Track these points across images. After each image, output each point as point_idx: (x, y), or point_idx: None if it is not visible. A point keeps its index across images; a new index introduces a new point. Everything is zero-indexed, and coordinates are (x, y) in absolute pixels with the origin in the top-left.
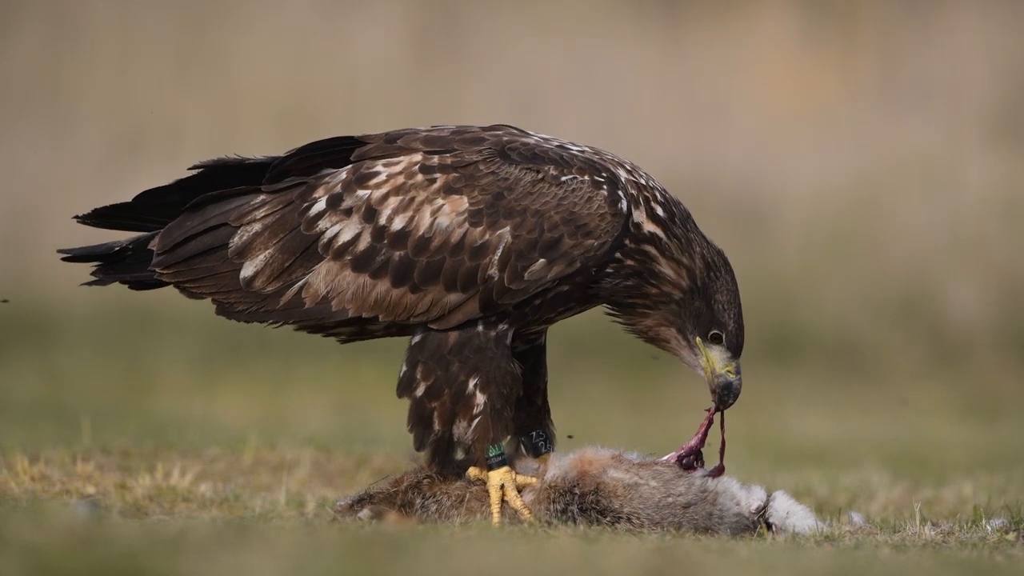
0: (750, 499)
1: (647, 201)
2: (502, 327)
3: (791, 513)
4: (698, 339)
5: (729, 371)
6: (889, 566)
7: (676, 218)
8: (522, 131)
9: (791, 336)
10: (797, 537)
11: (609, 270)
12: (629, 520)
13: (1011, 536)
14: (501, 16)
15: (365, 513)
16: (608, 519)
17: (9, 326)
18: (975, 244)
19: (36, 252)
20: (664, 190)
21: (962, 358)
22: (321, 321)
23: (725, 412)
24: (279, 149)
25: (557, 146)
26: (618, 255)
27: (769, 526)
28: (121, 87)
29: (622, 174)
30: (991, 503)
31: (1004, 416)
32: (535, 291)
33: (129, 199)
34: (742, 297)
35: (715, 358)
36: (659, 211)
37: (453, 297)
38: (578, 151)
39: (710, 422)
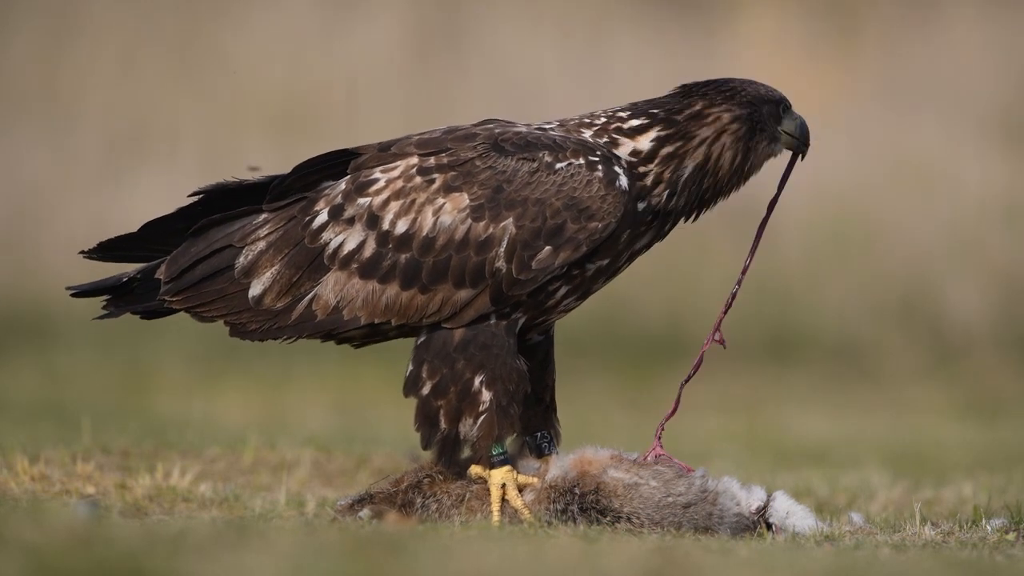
0: (750, 499)
1: (618, 130)
2: (515, 316)
3: (791, 513)
4: (780, 128)
5: (793, 119)
6: (889, 566)
7: (654, 105)
8: (509, 122)
9: (791, 336)
10: (797, 537)
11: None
12: (629, 520)
13: (1011, 536)
14: (499, 15)
15: (365, 513)
16: (608, 519)
17: (9, 326)
18: (975, 244)
19: (36, 252)
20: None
21: (962, 358)
22: (333, 330)
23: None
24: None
25: (537, 130)
26: (650, 179)
27: (769, 526)
28: (120, 87)
29: (587, 133)
30: (991, 503)
31: (1004, 416)
32: (544, 280)
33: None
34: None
35: (790, 125)
36: (634, 121)
37: (463, 294)
38: (550, 128)
39: (786, 175)
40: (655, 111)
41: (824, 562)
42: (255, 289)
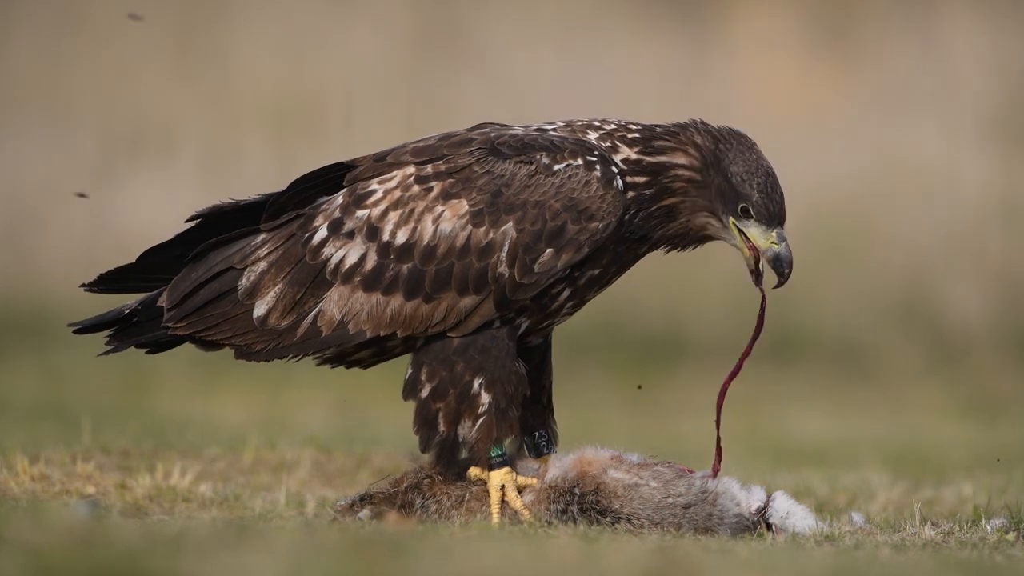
0: (750, 499)
1: (622, 139)
2: (519, 321)
3: (791, 513)
4: (731, 220)
5: (772, 243)
6: (889, 566)
7: (655, 127)
8: (505, 125)
9: (791, 336)
10: (797, 537)
11: (634, 210)
12: (629, 520)
13: (1011, 536)
14: (498, 16)
15: (365, 513)
16: (608, 519)
17: (9, 326)
18: (973, 245)
19: (36, 252)
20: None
21: (962, 358)
22: (340, 347)
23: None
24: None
25: (536, 130)
26: (631, 194)
27: (769, 526)
28: (120, 87)
29: (592, 136)
30: (991, 503)
31: (1004, 416)
32: (547, 283)
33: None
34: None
35: (753, 234)
36: (635, 134)
37: (467, 301)
38: (552, 128)
39: (763, 310)
40: (654, 127)
41: (824, 562)
42: (259, 309)
